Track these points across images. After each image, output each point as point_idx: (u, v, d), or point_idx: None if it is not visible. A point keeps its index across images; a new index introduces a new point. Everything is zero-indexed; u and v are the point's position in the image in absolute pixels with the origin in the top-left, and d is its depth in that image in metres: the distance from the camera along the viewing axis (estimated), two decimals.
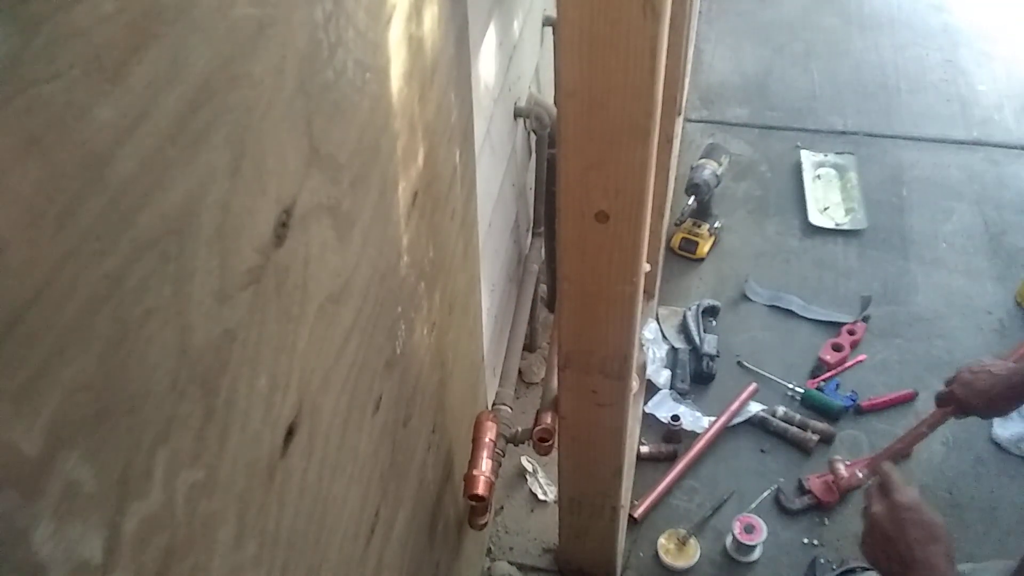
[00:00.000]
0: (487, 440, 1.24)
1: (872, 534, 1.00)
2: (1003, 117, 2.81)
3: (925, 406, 1.94)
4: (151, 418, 0.42)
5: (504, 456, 1.30)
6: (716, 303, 2.18)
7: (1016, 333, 2.11)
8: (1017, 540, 1.70)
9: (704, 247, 2.33)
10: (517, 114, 1.65)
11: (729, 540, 1.69)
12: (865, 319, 2.14)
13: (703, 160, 2.32)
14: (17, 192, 0.32)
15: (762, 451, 1.88)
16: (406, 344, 0.89)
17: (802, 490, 1.78)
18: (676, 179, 2.36)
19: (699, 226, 2.34)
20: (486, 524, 1.37)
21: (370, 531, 0.84)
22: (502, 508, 1.77)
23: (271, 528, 0.59)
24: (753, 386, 1.98)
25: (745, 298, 2.23)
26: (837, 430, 1.89)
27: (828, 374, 2.02)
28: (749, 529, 1.66)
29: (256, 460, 0.55)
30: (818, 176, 2.58)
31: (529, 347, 2.02)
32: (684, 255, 2.34)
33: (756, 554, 1.68)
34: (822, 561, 1.65)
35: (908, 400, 1.96)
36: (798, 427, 1.89)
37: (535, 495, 1.77)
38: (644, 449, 1.86)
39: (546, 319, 2.09)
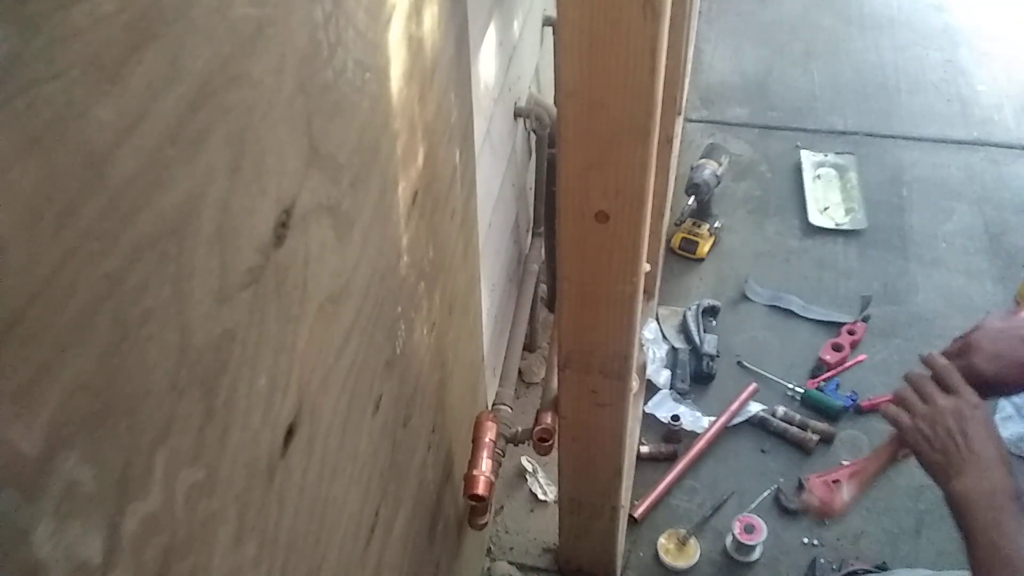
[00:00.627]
0: (487, 440, 1.24)
1: (935, 427, 0.96)
2: (1003, 117, 2.81)
3: None
4: (151, 418, 0.42)
5: (504, 456, 1.30)
6: (716, 303, 2.18)
7: None
8: None
9: (704, 247, 2.33)
10: (517, 114, 1.65)
11: (729, 540, 1.69)
12: (865, 319, 2.14)
13: (703, 160, 2.32)
14: (17, 192, 0.32)
15: (762, 451, 1.88)
16: (406, 344, 0.89)
17: (802, 490, 1.78)
18: (676, 179, 2.36)
19: (699, 226, 2.34)
20: (486, 524, 1.37)
21: (370, 531, 0.84)
22: (502, 508, 1.77)
23: (271, 528, 0.59)
24: (753, 386, 1.98)
25: (745, 298, 2.23)
26: (837, 430, 1.89)
27: (828, 374, 2.02)
28: (749, 529, 1.66)
29: (256, 460, 0.55)
30: (818, 176, 2.58)
31: (529, 347, 2.02)
32: (684, 255, 2.34)
33: (756, 554, 1.68)
34: (822, 561, 1.65)
35: None
36: (798, 427, 1.89)
37: (535, 495, 1.77)
38: (644, 449, 1.86)
39: (546, 319, 2.09)
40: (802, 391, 1.97)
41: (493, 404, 1.46)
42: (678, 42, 1.72)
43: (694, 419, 1.89)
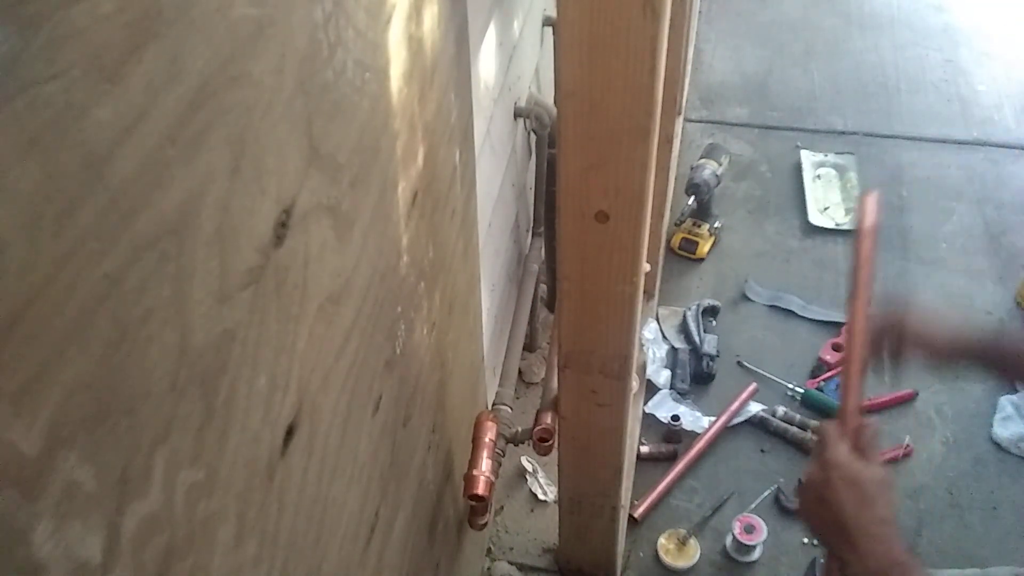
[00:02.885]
0: (487, 440, 1.24)
1: (804, 497, 0.88)
2: (1003, 117, 2.81)
3: (925, 406, 1.94)
4: (151, 418, 0.42)
5: (504, 456, 1.30)
6: (716, 303, 2.18)
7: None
8: (1017, 541, 1.70)
9: (704, 247, 2.33)
10: (517, 114, 1.65)
11: (729, 540, 1.69)
12: None
13: (703, 160, 2.32)
14: (17, 192, 0.32)
15: (762, 451, 1.88)
16: (406, 344, 0.89)
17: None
18: (676, 179, 2.36)
19: (699, 226, 2.34)
20: (486, 524, 1.37)
21: (370, 531, 0.84)
22: (502, 508, 1.77)
23: (271, 528, 0.59)
24: (753, 386, 1.98)
25: (745, 298, 2.23)
26: None
27: (828, 374, 2.01)
28: (749, 529, 1.66)
29: (256, 460, 0.55)
30: (818, 176, 2.58)
31: (529, 347, 2.02)
32: (684, 255, 2.34)
33: (756, 554, 1.68)
34: (822, 561, 1.65)
35: (908, 400, 1.96)
36: (798, 427, 1.89)
37: (535, 495, 1.77)
38: (644, 449, 1.86)
39: (546, 319, 2.09)
40: (802, 391, 1.97)
41: (493, 404, 1.45)
42: (678, 42, 1.72)
43: (694, 419, 1.89)
